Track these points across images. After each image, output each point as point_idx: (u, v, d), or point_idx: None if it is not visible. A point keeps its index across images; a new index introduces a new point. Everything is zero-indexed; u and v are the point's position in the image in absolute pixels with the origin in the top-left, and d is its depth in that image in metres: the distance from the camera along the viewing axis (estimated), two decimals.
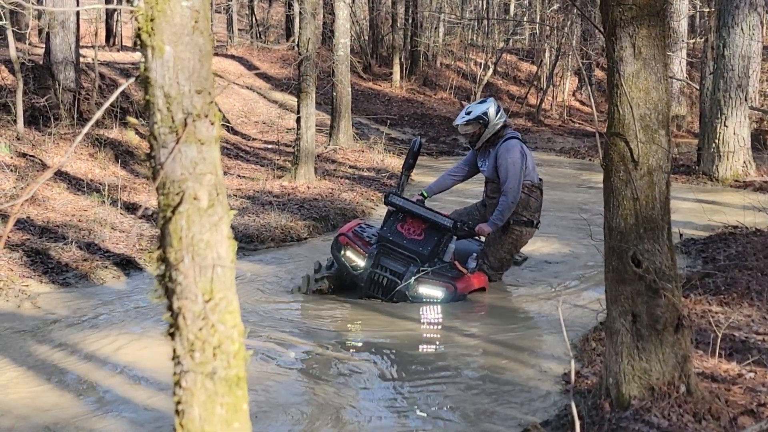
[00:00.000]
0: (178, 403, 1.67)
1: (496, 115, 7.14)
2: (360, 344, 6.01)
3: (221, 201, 1.66)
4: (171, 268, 1.65)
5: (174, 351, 1.67)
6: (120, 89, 1.70)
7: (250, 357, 1.74)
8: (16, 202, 1.89)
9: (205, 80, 1.60)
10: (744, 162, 13.70)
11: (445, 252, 7.06)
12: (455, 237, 7.11)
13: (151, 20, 1.54)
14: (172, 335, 1.67)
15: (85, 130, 1.63)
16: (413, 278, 6.77)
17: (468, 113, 7.15)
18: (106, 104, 1.67)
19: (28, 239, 8.00)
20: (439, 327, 6.46)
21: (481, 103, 7.24)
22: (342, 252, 7.00)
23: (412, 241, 6.95)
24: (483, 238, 7.49)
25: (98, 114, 1.69)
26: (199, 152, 1.61)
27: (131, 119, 1.71)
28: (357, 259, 6.94)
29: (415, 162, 7.41)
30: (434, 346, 6.04)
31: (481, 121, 7.13)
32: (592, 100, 5.80)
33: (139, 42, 1.58)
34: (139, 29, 1.57)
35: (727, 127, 13.58)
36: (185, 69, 1.60)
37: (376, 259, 6.87)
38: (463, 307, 6.94)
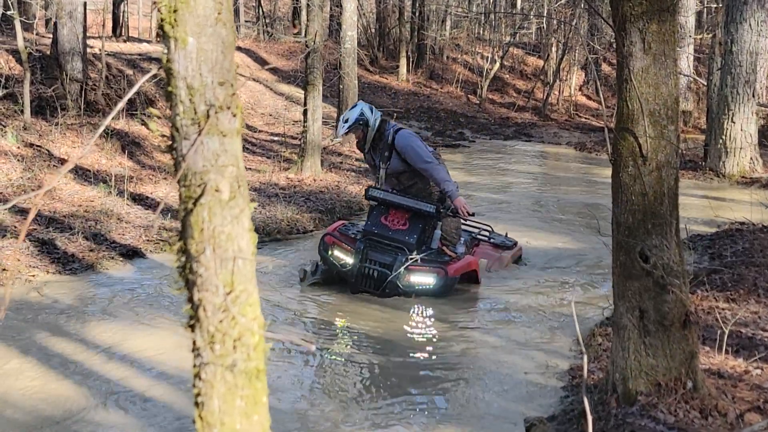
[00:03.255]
0: (198, 395, 1.67)
1: (371, 112, 7.30)
2: (366, 338, 6.01)
3: (243, 193, 1.66)
4: (192, 260, 1.65)
5: (194, 343, 1.68)
6: (139, 83, 1.70)
7: (270, 349, 1.74)
8: (36, 194, 1.88)
9: (227, 72, 1.60)
10: (751, 158, 13.68)
11: (432, 239, 7.07)
12: (440, 222, 7.13)
13: (174, 11, 1.54)
14: (192, 327, 1.67)
15: (106, 122, 1.64)
16: (403, 267, 6.76)
17: (346, 121, 7.27)
18: (126, 98, 1.67)
19: (35, 229, 8.01)
20: (442, 321, 6.46)
21: (352, 108, 7.38)
22: (329, 252, 7.01)
23: (397, 232, 6.95)
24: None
25: (119, 107, 1.69)
26: (221, 144, 1.61)
27: (153, 110, 1.72)
28: (345, 257, 6.94)
29: (391, 155, 7.43)
30: (437, 341, 6.04)
31: (360, 123, 7.24)
32: (600, 95, 5.80)
33: (161, 33, 1.58)
34: (162, 20, 1.57)
35: (734, 123, 13.56)
36: (208, 60, 1.60)
37: (363, 254, 6.86)
38: (468, 302, 6.95)
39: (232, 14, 1.61)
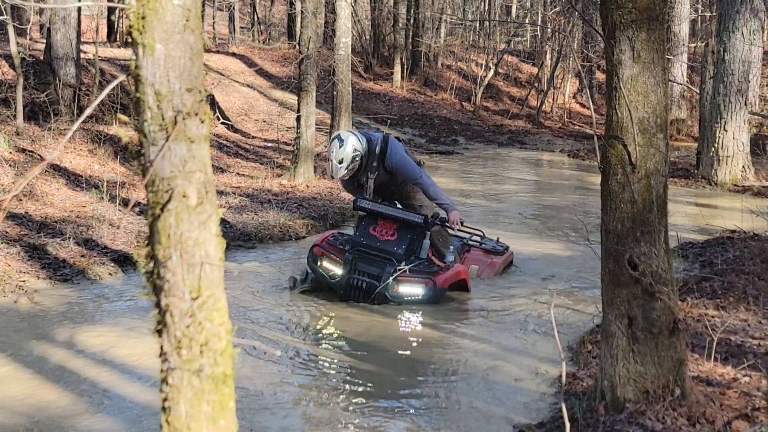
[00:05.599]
0: (165, 400, 1.67)
1: (360, 141, 7.08)
2: (351, 344, 6.00)
3: (210, 199, 1.66)
4: (159, 266, 1.65)
5: (161, 348, 1.67)
6: (113, 84, 1.70)
7: (237, 354, 1.74)
8: (6, 197, 1.89)
9: (195, 78, 1.60)
10: (743, 166, 13.71)
11: (421, 249, 7.07)
12: (429, 232, 7.13)
13: (143, 18, 1.54)
14: (159, 332, 1.67)
15: (77, 124, 1.64)
16: (391, 278, 6.75)
17: (341, 162, 6.99)
18: (100, 97, 1.67)
19: (26, 234, 8.00)
20: (432, 328, 6.45)
21: (341, 146, 7.00)
22: (318, 263, 6.99)
23: (386, 242, 6.95)
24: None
25: (91, 108, 1.69)
26: (189, 150, 1.61)
27: (122, 116, 1.72)
28: (334, 268, 6.92)
29: (380, 166, 7.41)
30: (427, 347, 6.03)
31: (357, 158, 7.05)
32: (591, 103, 5.82)
33: (130, 39, 1.58)
34: (130, 27, 1.58)
35: (726, 131, 13.59)
36: (176, 67, 1.60)
37: (352, 265, 6.83)
38: (458, 308, 6.95)
39: (200, 21, 1.62)
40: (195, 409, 1.65)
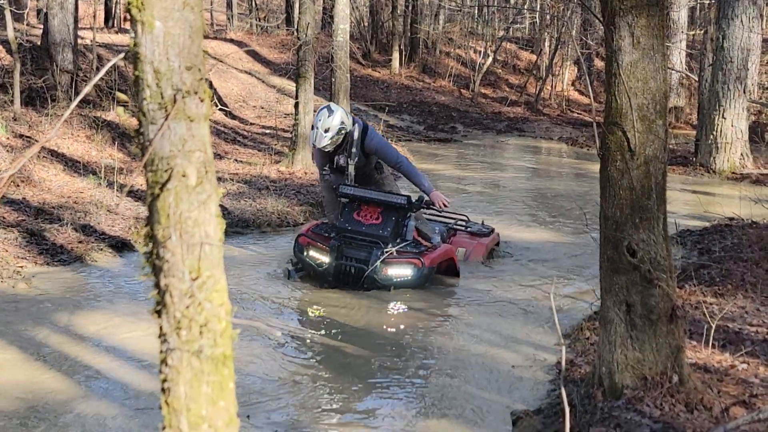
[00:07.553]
0: (164, 381, 1.67)
1: (347, 117, 7.17)
2: (347, 330, 6.01)
3: (210, 179, 1.65)
4: (158, 246, 1.64)
5: (161, 329, 1.67)
6: (112, 62, 1.69)
7: (237, 336, 1.73)
8: (3, 176, 1.90)
9: (195, 57, 1.59)
10: (741, 154, 13.70)
11: (407, 231, 7.07)
12: (413, 214, 7.14)
13: None
14: (158, 313, 1.67)
15: (75, 102, 1.63)
16: (379, 261, 6.75)
17: (326, 131, 7.01)
18: (99, 75, 1.66)
19: (24, 220, 7.98)
20: (429, 314, 6.45)
21: (329, 115, 7.04)
22: (305, 253, 7.00)
23: (371, 226, 6.95)
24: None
25: (89, 86, 1.68)
26: (189, 129, 1.60)
27: (121, 95, 1.71)
28: (321, 256, 6.92)
29: (358, 151, 7.39)
30: (424, 334, 6.03)
31: (343, 131, 7.10)
32: (590, 90, 5.81)
33: (129, 17, 1.57)
34: (129, 4, 1.56)
35: (725, 119, 13.58)
36: (175, 45, 1.59)
37: (339, 251, 6.82)
38: (455, 294, 6.95)
39: None
40: (195, 390, 1.65)
